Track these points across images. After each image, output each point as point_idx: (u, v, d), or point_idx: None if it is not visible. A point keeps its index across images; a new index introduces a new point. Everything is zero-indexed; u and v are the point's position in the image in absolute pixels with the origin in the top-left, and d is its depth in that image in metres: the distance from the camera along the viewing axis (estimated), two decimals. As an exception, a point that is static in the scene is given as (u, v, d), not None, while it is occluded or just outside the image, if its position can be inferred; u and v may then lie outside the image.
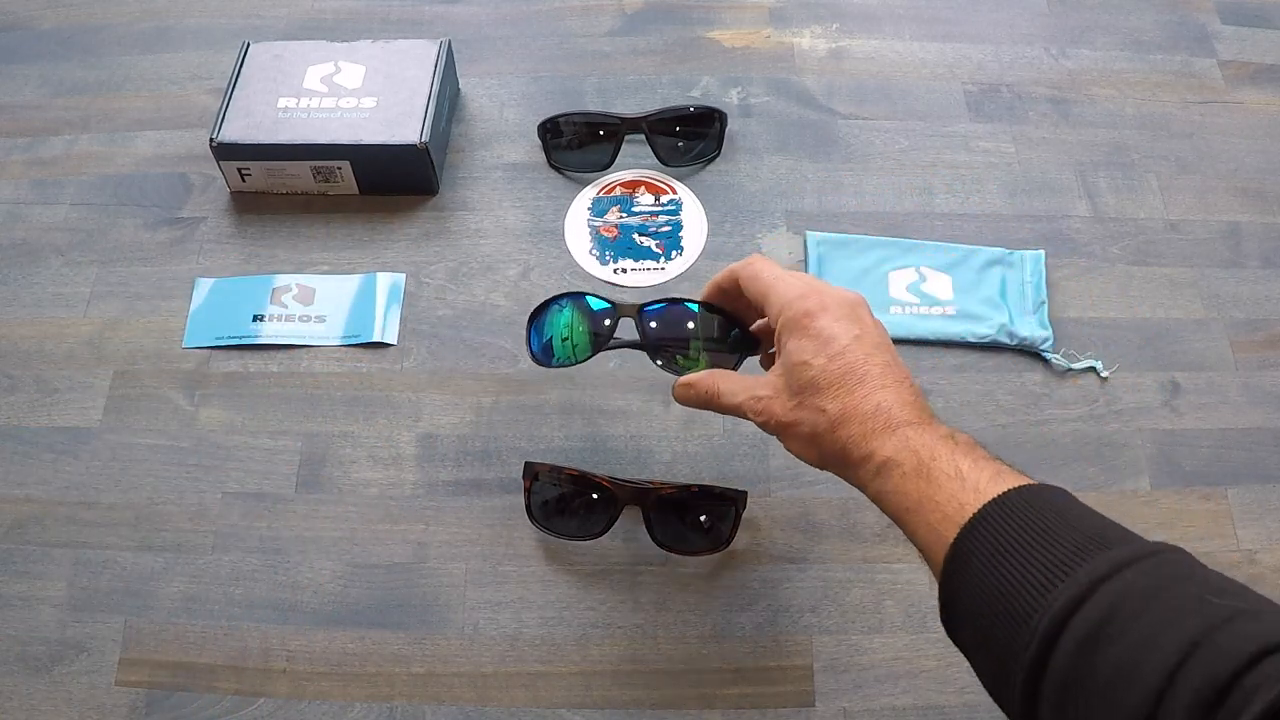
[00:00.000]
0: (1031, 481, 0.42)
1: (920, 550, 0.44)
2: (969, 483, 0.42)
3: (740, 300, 0.53)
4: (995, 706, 0.57)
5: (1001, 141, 0.80)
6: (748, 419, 0.51)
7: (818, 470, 0.64)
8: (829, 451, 0.48)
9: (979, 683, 0.58)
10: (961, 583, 0.41)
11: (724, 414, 0.52)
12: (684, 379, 0.54)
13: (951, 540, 0.41)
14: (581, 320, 0.58)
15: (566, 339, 0.59)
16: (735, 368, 0.58)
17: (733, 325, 0.58)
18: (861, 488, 0.47)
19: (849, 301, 0.49)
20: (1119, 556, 0.37)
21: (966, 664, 0.59)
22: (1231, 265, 0.74)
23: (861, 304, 0.50)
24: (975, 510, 0.41)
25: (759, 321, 0.56)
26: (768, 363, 0.57)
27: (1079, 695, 0.35)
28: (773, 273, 0.51)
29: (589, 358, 0.58)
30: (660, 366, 0.58)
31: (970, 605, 0.41)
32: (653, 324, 0.57)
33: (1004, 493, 0.41)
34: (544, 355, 0.59)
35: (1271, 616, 0.35)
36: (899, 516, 0.45)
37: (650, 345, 0.57)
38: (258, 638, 0.60)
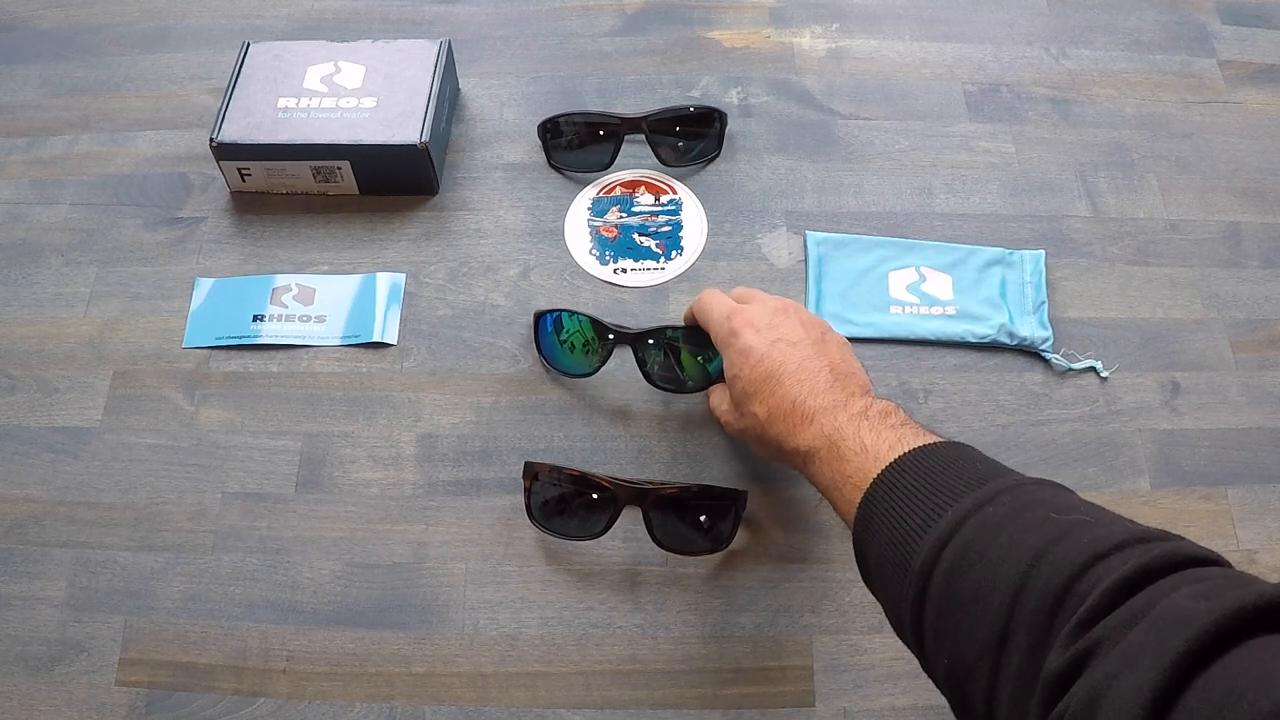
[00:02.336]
0: (932, 440, 0.46)
1: (846, 524, 0.48)
2: (871, 454, 0.47)
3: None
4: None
5: (1001, 141, 0.80)
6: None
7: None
8: (772, 449, 0.53)
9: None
10: (865, 543, 0.46)
11: None
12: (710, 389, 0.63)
13: (857, 506, 0.46)
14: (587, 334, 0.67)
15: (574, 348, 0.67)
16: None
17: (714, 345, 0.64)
18: (807, 478, 0.52)
19: (771, 310, 0.55)
20: (985, 493, 0.41)
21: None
22: (1231, 265, 0.74)
23: (786, 309, 0.55)
24: (874, 476, 0.45)
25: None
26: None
27: (949, 620, 0.39)
28: (709, 301, 0.58)
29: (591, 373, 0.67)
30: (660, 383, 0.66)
31: (874, 561, 0.45)
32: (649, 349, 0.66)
33: (899, 456, 0.45)
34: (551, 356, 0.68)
35: (1106, 526, 0.37)
36: (825, 496, 0.50)
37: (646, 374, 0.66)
38: (258, 638, 0.60)
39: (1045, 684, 0.33)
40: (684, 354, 0.66)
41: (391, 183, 0.76)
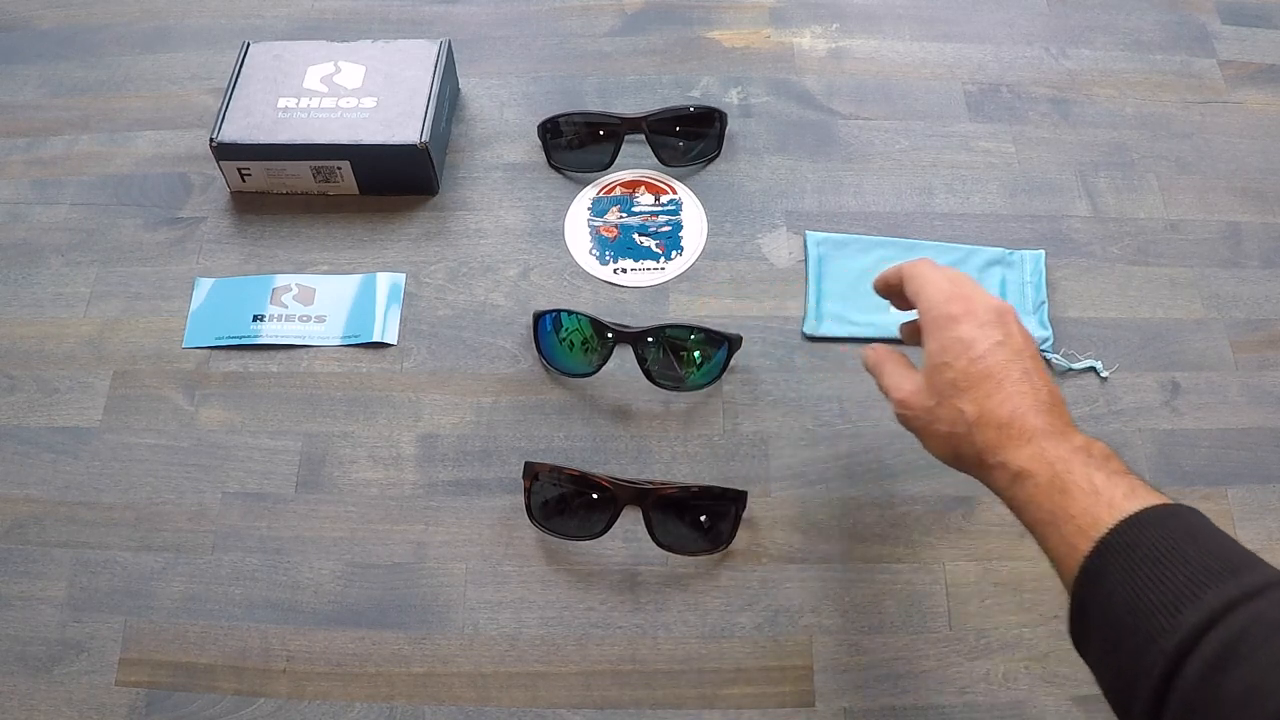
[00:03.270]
0: (1166, 500, 0.43)
1: (1052, 561, 0.44)
2: (1104, 497, 0.43)
3: (903, 297, 0.55)
4: (995, 707, 0.58)
5: (1001, 141, 0.80)
6: (892, 406, 0.53)
7: (818, 470, 0.65)
8: (965, 454, 0.49)
9: (980, 683, 0.59)
10: (1093, 598, 0.42)
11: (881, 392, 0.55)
12: (869, 346, 0.57)
13: (1085, 554, 0.42)
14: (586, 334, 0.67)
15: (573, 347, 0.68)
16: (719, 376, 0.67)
17: (715, 344, 0.66)
18: (996, 493, 0.48)
19: (995, 309, 0.50)
20: (1249, 583, 0.38)
21: (967, 664, 0.59)
22: (1231, 265, 0.74)
23: (1009, 312, 0.51)
24: (1110, 526, 0.42)
25: (908, 319, 0.58)
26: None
27: (1204, 716, 0.36)
28: (928, 274, 0.53)
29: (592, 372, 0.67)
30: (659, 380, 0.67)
31: (1100, 620, 0.42)
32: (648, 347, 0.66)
33: (1139, 511, 0.41)
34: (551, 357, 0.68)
35: None
36: (1032, 527, 0.46)
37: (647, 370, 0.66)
38: (258, 638, 0.60)
39: None
40: (684, 352, 0.66)
41: (391, 183, 0.76)
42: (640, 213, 0.77)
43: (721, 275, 0.73)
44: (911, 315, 0.55)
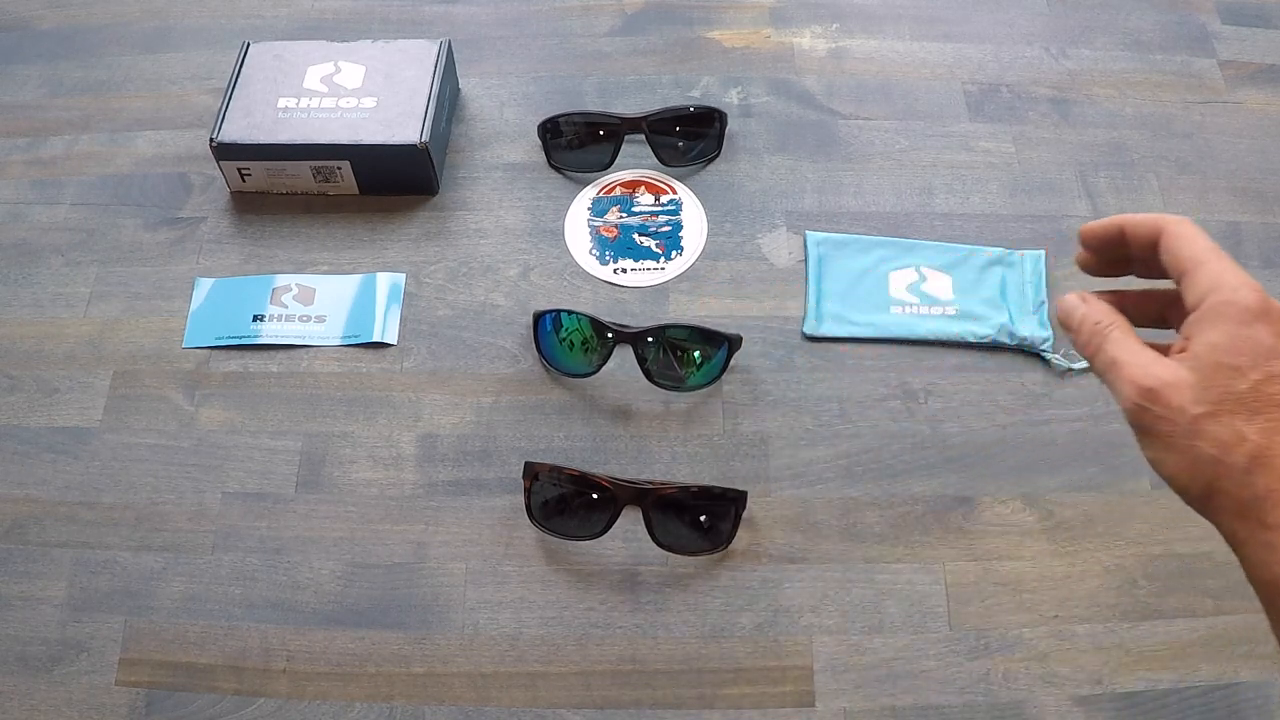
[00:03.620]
0: None
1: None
2: None
3: (1120, 254, 0.42)
4: (995, 707, 0.58)
5: (1001, 141, 0.80)
6: (1118, 389, 0.38)
7: (818, 470, 0.65)
8: (1226, 492, 0.36)
9: (980, 683, 0.59)
10: None
11: (1094, 369, 0.40)
12: (1070, 303, 0.41)
13: None
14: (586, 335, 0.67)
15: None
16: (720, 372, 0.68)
17: (715, 344, 0.66)
18: (1245, 555, 0.36)
19: None
20: None
21: (967, 664, 0.59)
22: (1231, 265, 0.74)
23: None
24: None
25: (1146, 287, 0.43)
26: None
27: None
28: (1211, 245, 0.39)
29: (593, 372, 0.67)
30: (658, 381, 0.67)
31: None
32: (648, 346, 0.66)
33: None
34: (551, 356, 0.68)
35: None
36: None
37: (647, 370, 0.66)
38: (258, 638, 0.60)
39: None
40: (684, 352, 0.66)
41: (391, 183, 0.76)
42: (640, 213, 0.77)
43: (721, 275, 0.73)
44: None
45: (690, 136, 0.78)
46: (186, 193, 0.78)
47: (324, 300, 0.72)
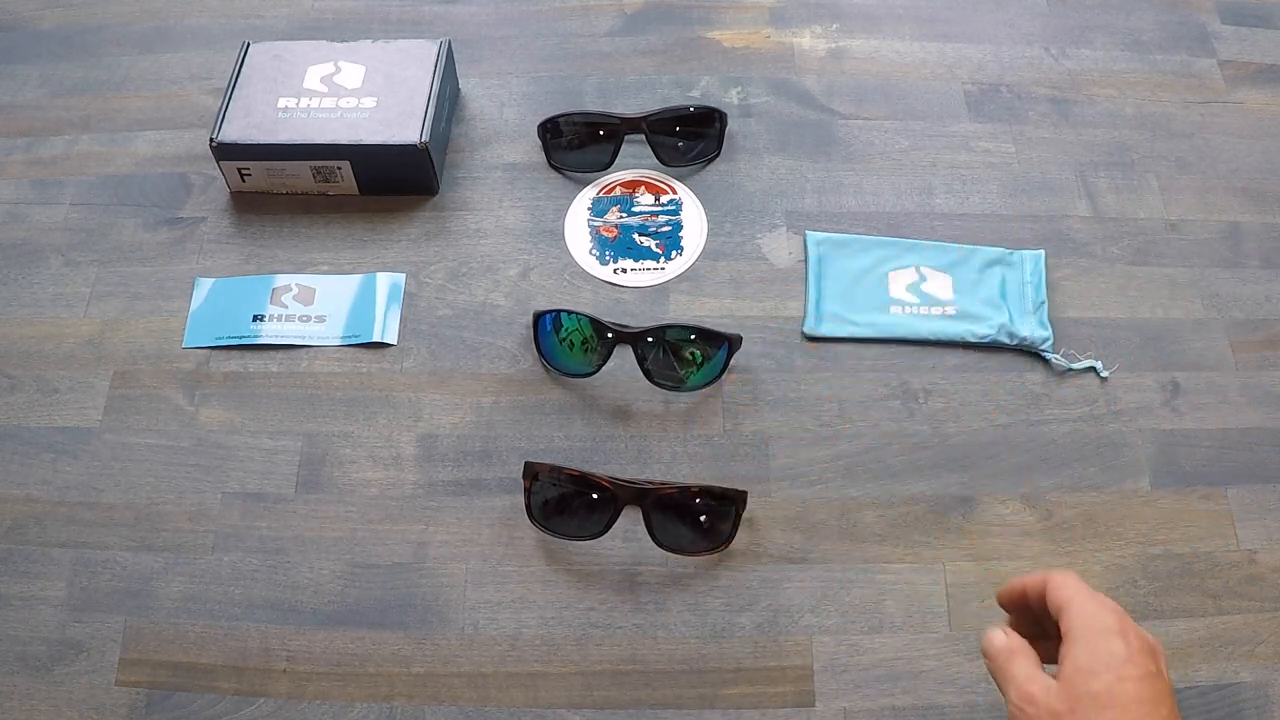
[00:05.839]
0: None
1: None
2: None
3: (1027, 607, 0.52)
4: (995, 707, 0.58)
5: (1001, 141, 0.80)
6: (1008, 694, 0.48)
7: (818, 470, 0.65)
8: None
9: (980, 683, 0.59)
10: None
11: (996, 682, 0.50)
12: (992, 636, 0.51)
13: None
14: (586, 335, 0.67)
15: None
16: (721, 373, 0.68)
17: (715, 344, 0.66)
18: None
19: (1150, 641, 0.48)
20: None
21: (967, 664, 0.59)
22: (1231, 265, 0.74)
23: (1161, 652, 0.49)
24: None
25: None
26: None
27: None
28: (1081, 587, 0.50)
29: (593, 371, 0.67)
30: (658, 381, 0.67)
31: None
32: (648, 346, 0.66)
33: None
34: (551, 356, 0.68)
35: None
36: None
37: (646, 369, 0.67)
38: (258, 638, 0.60)
39: None
40: (684, 352, 0.66)
41: (391, 183, 0.76)
42: (640, 213, 0.77)
43: (721, 275, 0.73)
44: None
45: (690, 136, 0.78)
46: (186, 193, 0.78)
47: (324, 300, 0.72)
